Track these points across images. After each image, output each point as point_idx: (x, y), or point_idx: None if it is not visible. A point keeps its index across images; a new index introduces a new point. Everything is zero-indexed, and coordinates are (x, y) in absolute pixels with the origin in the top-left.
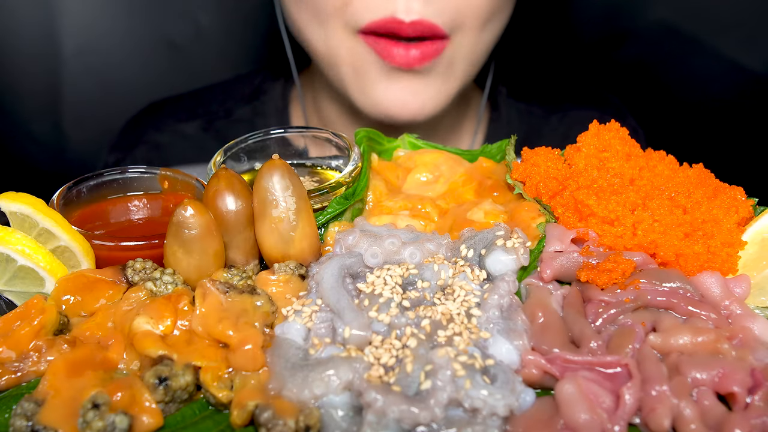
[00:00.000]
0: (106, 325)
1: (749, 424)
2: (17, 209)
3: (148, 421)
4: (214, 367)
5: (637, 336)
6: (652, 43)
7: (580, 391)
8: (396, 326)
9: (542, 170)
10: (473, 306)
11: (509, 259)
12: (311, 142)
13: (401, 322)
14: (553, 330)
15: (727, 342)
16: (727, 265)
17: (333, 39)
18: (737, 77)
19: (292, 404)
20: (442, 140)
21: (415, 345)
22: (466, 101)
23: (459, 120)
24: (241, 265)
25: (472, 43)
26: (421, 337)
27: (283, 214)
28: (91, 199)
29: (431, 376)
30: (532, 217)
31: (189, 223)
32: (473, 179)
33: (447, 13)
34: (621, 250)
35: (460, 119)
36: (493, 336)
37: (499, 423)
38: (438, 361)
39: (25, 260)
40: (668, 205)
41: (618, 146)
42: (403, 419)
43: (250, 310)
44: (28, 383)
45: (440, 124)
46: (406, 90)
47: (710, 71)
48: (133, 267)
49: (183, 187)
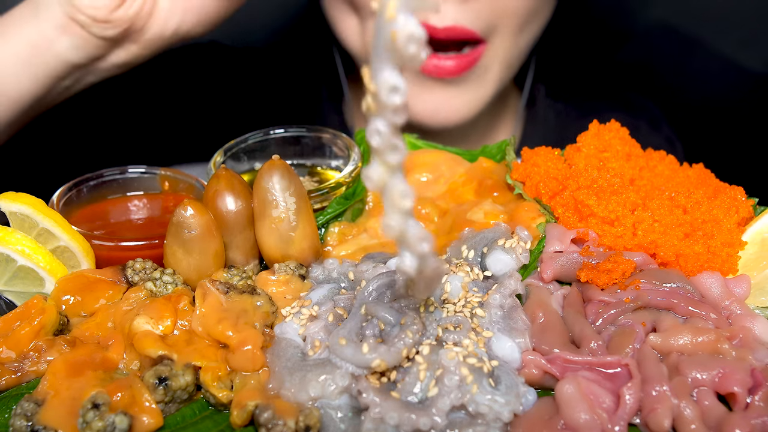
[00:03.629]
0: (106, 325)
1: (749, 424)
2: (17, 209)
3: (148, 421)
4: (214, 367)
5: (637, 336)
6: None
7: (580, 391)
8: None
9: (542, 170)
10: (476, 306)
11: (510, 258)
12: (311, 142)
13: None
14: (554, 330)
15: (727, 342)
16: (727, 265)
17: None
18: (737, 77)
19: (291, 404)
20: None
21: (428, 352)
22: (503, 101)
23: (495, 120)
24: (241, 265)
25: (509, 47)
26: (432, 343)
27: (283, 214)
28: (91, 199)
29: (439, 381)
30: (532, 217)
31: (189, 223)
32: (473, 179)
33: (483, 17)
34: (621, 250)
35: (496, 120)
36: (495, 335)
37: (501, 425)
38: (447, 363)
39: (25, 260)
40: (668, 205)
41: (618, 146)
42: (401, 425)
43: (250, 311)
44: (28, 383)
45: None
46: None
47: (710, 71)
48: (133, 267)
49: (183, 187)
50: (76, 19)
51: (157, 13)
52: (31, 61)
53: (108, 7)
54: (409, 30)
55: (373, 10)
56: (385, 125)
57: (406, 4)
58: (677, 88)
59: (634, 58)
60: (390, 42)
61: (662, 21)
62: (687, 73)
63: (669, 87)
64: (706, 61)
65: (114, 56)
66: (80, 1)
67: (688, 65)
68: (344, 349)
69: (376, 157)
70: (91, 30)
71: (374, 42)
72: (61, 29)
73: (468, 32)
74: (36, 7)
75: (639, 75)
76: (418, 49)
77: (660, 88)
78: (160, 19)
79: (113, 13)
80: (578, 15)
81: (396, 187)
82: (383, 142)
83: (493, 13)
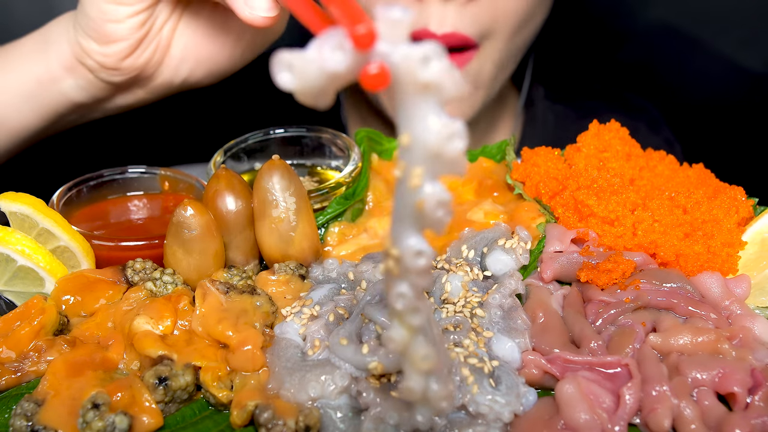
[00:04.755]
0: (106, 325)
1: (749, 425)
2: (17, 209)
3: (148, 421)
4: (214, 367)
5: (637, 336)
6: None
7: (580, 391)
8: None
9: (542, 170)
10: (476, 306)
11: (509, 258)
12: (311, 142)
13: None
14: (554, 330)
15: (727, 342)
16: (727, 265)
17: None
18: (737, 77)
19: (291, 404)
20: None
21: None
22: (501, 101)
23: (494, 121)
24: (241, 265)
25: (502, 49)
26: None
27: (283, 214)
28: (91, 199)
29: None
30: (532, 217)
31: (189, 223)
32: (473, 179)
33: (481, 22)
34: (621, 250)
35: (496, 120)
36: (495, 335)
37: (501, 425)
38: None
39: (25, 260)
40: (668, 205)
41: (618, 146)
42: (401, 425)
43: (250, 311)
44: (28, 383)
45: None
46: None
47: (710, 71)
48: (133, 267)
49: (183, 187)
50: (84, 63)
51: (168, 62)
52: (35, 96)
53: (118, 55)
54: (437, 197)
55: (396, 177)
56: (409, 288)
57: (433, 172)
58: (677, 88)
59: (634, 58)
60: (415, 209)
61: (662, 21)
62: (687, 73)
63: (669, 87)
64: (706, 61)
65: (120, 99)
66: (90, 46)
67: (688, 65)
68: (345, 349)
69: (396, 320)
70: (98, 75)
71: (396, 208)
72: (68, 70)
73: (464, 38)
74: (45, 42)
75: (639, 75)
76: (446, 213)
77: (660, 88)
78: (170, 68)
79: (123, 61)
80: (578, 15)
81: (418, 352)
82: (407, 305)
83: (490, 17)
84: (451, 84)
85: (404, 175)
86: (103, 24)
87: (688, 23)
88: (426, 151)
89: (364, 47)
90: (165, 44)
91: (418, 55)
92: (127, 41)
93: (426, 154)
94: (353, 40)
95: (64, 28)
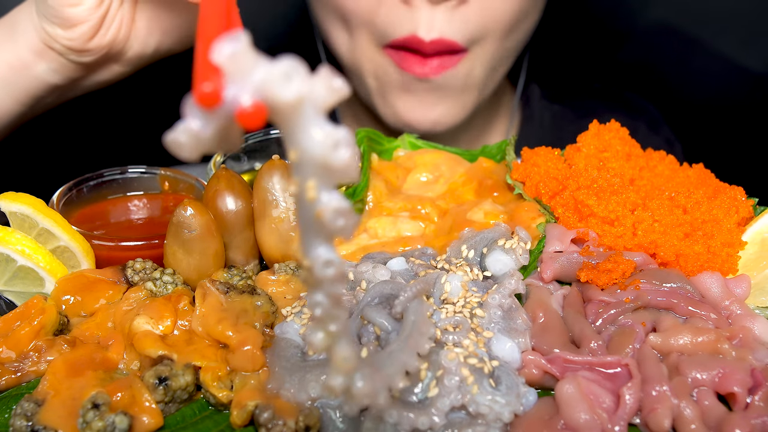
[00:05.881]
0: (106, 325)
1: (749, 425)
2: (17, 209)
3: (148, 421)
4: (214, 367)
5: (637, 336)
6: (652, 43)
7: (580, 391)
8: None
9: (542, 170)
10: (476, 306)
11: (509, 258)
12: None
13: None
14: (554, 330)
15: (727, 342)
16: (727, 265)
17: (358, 50)
18: (737, 77)
19: (291, 404)
20: (474, 140)
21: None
22: (497, 100)
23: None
24: (241, 265)
25: (493, 51)
26: (432, 344)
27: (283, 214)
28: (91, 199)
29: (439, 382)
30: (532, 217)
31: (189, 223)
32: (473, 179)
33: (470, 27)
34: (621, 250)
35: (492, 119)
36: (495, 335)
37: (501, 425)
38: (448, 364)
39: (25, 260)
40: (668, 205)
41: (618, 146)
42: (400, 424)
43: (250, 311)
44: (28, 383)
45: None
46: (424, 102)
47: (710, 71)
48: (133, 267)
49: (183, 187)
50: (52, 48)
51: (135, 34)
52: (10, 82)
53: (83, 37)
54: (333, 206)
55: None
56: (325, 297)
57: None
58: (677, 88)
59: (634, 58)
60: (316, 221)
61: (662, 21)
62: (687, 73)
63: (669, 87)
64: (706, 61)
65: (96, 76)
66: (54, 31)
67: (688, 65)
68: None
69: (318, 325)
70: (68, 57)
71: (300, 221)
72: (39, 55)
73: (452, 44)
74: (13, 29)
75: (639, 75)
76: (347, 220)
77: (660, 88)
78: (139, 39)
79: (89, 42)
80: (578, 15)
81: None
82: (324, 312)
83: (481, 20)
84: (324, 88)
85: (299, 189)
86: (62, 9)
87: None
88: (314, 163)
89: (210, 105)
90: (128, 19)
91: (278, 75)
92: (89, 22)
93: (315, 166)
94: (199, 102)
95: (28, 14)
